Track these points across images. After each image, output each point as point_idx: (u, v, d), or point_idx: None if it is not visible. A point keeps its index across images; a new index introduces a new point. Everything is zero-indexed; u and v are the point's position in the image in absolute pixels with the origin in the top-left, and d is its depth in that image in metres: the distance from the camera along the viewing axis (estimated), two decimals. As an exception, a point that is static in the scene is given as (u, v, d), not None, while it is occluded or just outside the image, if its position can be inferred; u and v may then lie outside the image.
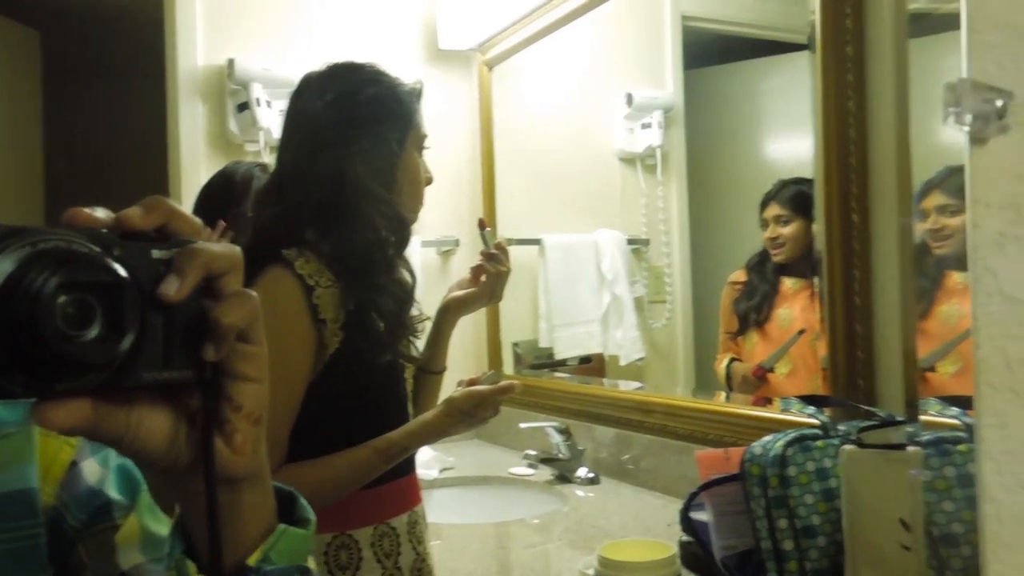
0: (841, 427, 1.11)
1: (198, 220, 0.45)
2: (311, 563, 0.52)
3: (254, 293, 0.45)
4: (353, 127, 1.19)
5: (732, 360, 1.83)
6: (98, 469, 0.62)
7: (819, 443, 1.08)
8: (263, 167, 1.70)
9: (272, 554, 0.48)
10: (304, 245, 1.16)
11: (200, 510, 0.45)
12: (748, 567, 1.12)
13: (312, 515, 0.53)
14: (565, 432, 1.95)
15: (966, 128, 0.38)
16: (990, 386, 0.38)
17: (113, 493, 0.62)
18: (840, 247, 1.35)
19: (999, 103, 0.38)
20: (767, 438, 1.11)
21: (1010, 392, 0.38)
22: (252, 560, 0.48)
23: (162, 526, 0.62)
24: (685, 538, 1.28)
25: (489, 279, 1.40)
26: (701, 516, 1.20)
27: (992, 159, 0.38)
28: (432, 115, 1.38)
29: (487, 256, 1.40)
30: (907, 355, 1.25)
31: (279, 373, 0.93)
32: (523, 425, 2.02)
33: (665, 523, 1.54)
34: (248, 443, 0.46)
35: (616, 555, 1.07)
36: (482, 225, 1.46)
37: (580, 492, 1.85)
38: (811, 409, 1.16)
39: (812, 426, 1.14)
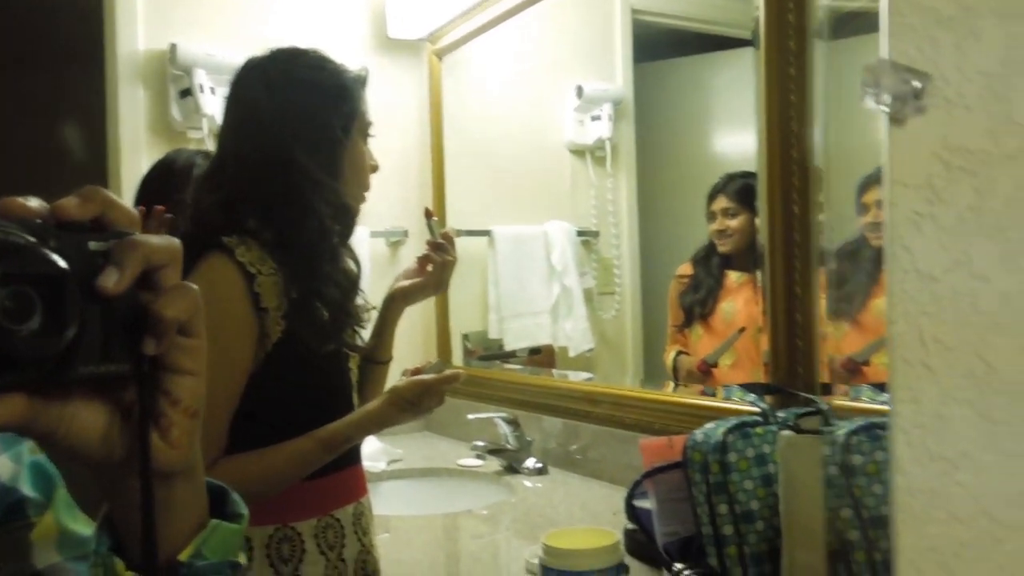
0: (780, 414, 1.13)
1: (135, 211, 0.44)
2: (242, 558, 0.52)
3: (195, 286, 0.44)
4: (296, 114, 1.17)
5: (679, 353, 1.86)
6: (11, 465, 0.60)
7: (759, 430, 1.10)
8: (205, 155, 1.66)
9: (204, 549, 0.48)
10: (245, 232, 1.14)
11: (131, 505, 0.44)
12: (689, 553, 1.13)
13: (244, 510, 0.53)
14: (513, 423, 1.95)
15: (884, 108, 0.39)
16: (904, 361, 0.40)
17: (27, 490, 0.60)
18: (782, 238, 1.37)
19: (917, 84, 0.38)
20: (709, 425, 1.13)
21: (923, 367, 0.39)
22: (184, 555, 0.47)
23: (80, 524, 0.61)
24: (630, 526, 1.29)
25: (435, 268, 1.40)
26: (645, 504, 1.22)
27: (910, 139, 0.39)
28: (381, 105, 1.36)
29: (433, 246, 1.40)
30: (814, 340, 1.28)
31: (218, 362, 0.90)
32: (471, 416, 2.01)
33: (611, 512, 1.55)
34: (184, 437, 0.45)
35: (559, 543, 1.07)
36: (428, 214, 1.45)
37: (528, 482, 1.85)
38: (751, 397, 1.18)
39: (753, 413, 1.16)
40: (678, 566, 1.09)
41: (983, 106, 0.38)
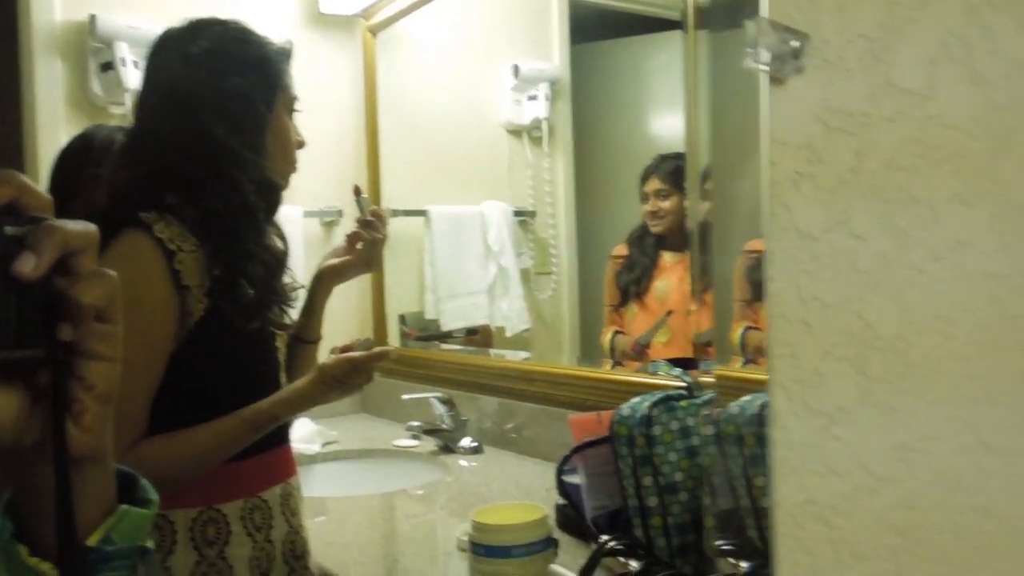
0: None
1: (48, 196, 0.43)
2: (150, 543, 0.52)
3: (113, 273, 0.44)
4: (216, 88, 1.14)
5: (616, 333, 1.87)
6: None
7: (683, 403, 1.12)
8: (126, 131, 1.61)
9: (113, 534, 0.48)
10: (165, 208, 1.11)
11: (39, 491, 0.44)
12: (617, 525, 1.15)
13: (154, 495, 0.52)
14: (448, 403, 1.95)
15: (763, 67, 0.39)
16: (783, 318, 0.40)
17: None
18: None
19: (795, 44, 0.39)
20: (635, 399, 1.14)
21: (802, 324, 0.40)
22: (93, 540, 0.47)
23: None
24: (561, 501, 1.30)
25: (365, 246, 1.38)
26: (574, 479, 1.23)
27: (790, 99, 0.40)
28: (314, 82, 1.34)
29: (362, 223, 1.38)
30: (700, 328, 1.31)
31: (137, 342, 0.88)
32: (405, 397, 2.01)
33: (545, 488, 1.57)
34: (96, 423, 0.45)
35: (488, 519, 1.08)
36: (357, 191, 1.43)
37: (463, 462, 1.86)
38: (677, 371, 1.20)
39: (679, 388, 1.18)
40: (604, 538, 1.10)
41: (862, 68, 0.39)
